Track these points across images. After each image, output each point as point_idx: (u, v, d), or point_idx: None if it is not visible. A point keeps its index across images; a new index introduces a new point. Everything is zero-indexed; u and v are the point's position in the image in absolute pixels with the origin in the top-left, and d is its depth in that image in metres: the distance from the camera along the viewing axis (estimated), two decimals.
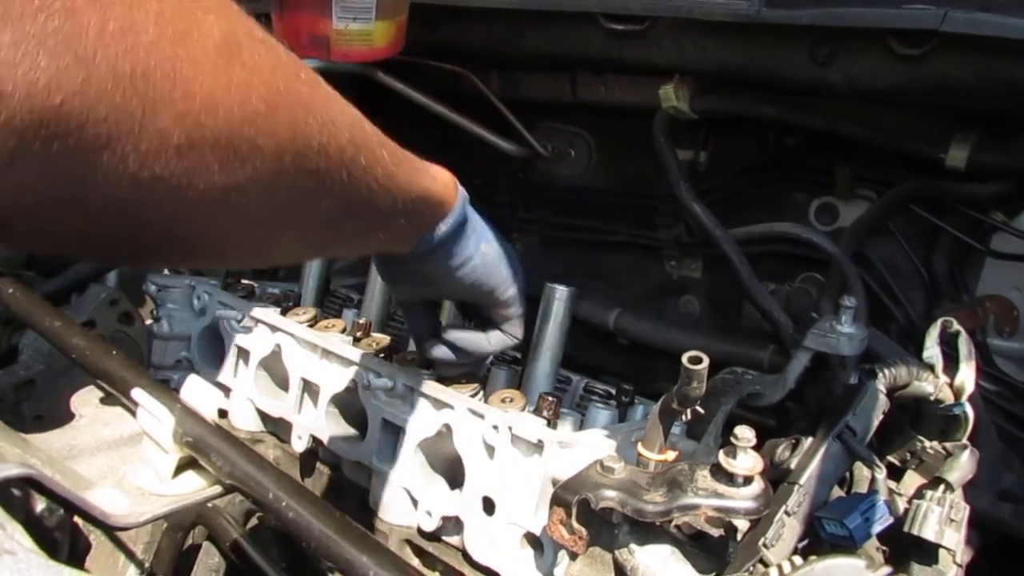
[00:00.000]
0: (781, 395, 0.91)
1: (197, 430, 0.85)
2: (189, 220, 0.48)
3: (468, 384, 0.98)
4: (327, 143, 0.52)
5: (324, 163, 0.53)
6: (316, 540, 0.71)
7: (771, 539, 0.71)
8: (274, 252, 0.65)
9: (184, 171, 0.42)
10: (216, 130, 0.43)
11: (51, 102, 0.35)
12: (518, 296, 0.92)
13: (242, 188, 0.47)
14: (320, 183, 0.54)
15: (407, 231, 0.75)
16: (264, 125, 0.46)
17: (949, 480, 0.78)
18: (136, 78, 0.38)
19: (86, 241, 0.47)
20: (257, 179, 0.48)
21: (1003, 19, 0.92)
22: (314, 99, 0.51)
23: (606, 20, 1.21)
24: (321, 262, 1.35)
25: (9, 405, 1.23)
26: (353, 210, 0.62)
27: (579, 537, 0.73)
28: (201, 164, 0.43)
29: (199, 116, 0.41)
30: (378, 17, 1.18)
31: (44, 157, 0.37)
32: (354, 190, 0.59)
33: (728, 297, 1.43)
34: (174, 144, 0.41)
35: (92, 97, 0.36)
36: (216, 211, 0.48)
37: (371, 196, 0.62)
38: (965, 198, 1.18)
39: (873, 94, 1.10)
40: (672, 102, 1.24)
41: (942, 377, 0.89)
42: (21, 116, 0.34)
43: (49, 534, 0.79)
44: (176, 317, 1.33)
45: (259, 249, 0.62)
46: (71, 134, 0.37)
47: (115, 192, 0.41)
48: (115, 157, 0.39)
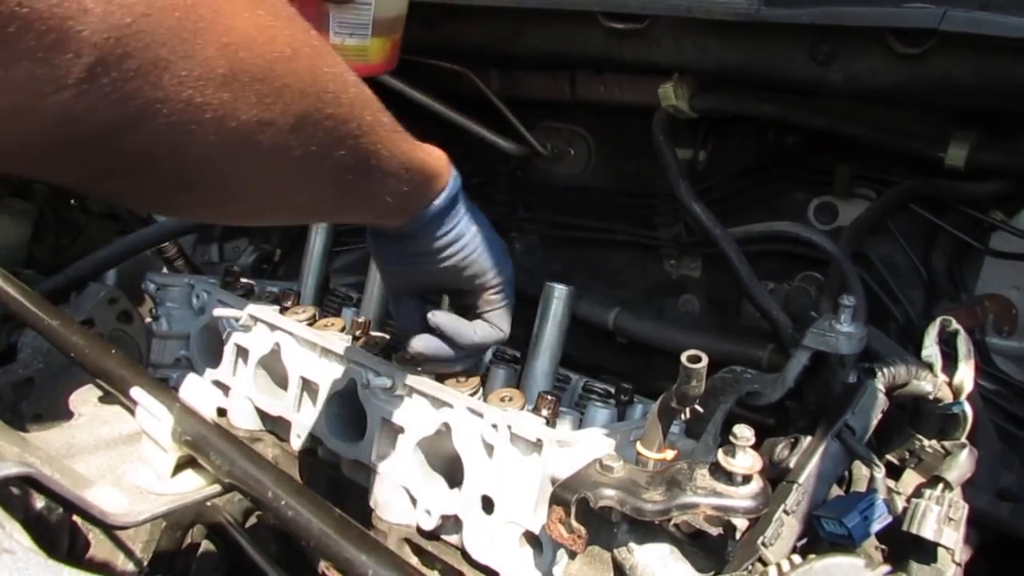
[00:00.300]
0: (780, 394, 0.91)
1: (196, 429, 0.85)
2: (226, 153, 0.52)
3: (467, 383, 0.98)
4: (339, 93, 0.58)
5: (338, 111, 0.59)
6: (315, 539, 0.71)
7: (770, 538, 0.71)
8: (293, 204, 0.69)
9: (227, 100, 0.48)
10: (252, 65, 0.48)
11: (124, 21, 0.39)
12: (505, 286, 0.92)
13: (273, 123, 0.52)
14: (337, 129, 0.60)
15: (407, 199, 0.78)
16: (289, 66, 0.52)
17: (948, 479, 0.78)
18: (188, 8, 0.43)
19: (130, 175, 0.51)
20: (286, 116, 0.53)
21: (1002, 18, 0.93)
22: (323, 53, 0.57)
23: (606, 19, 1.21)
24: (320, 261, 1.35)
25: (8, 404, 1.23)
26: (362, 165, 0.66)
27: (578, 536, 0.73)
28: (241, 95, 0.49)
29: (238, 50, 0.47)
30: (374, 34, 1.19)
31: (117, 75, 0.41)
32: (363, 144, 0.64)
33: (727, 296, 1.43)
34: (219, 72, 0.46)
35: (155, 21, 0.41)
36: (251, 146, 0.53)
37: (377, 153, 0.67)
38: (964, 197, 1.18)
39: (873, 93, 1.10)
40: (671, 101, 1.24)
41: (941, 376, 0.89)
42: (100, 33, 0.38)
43: (48, 533, 0.79)
44: (175, 316, 1.33)
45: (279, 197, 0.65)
46: (138, 53, 0.41)
47: (170, 116, 0.45)
48: (173, 80, 0.44)
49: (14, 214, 1.61)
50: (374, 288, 1.25)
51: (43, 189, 1.70)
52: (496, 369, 1.10)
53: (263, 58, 0.49)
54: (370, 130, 0.64)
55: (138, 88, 0.42)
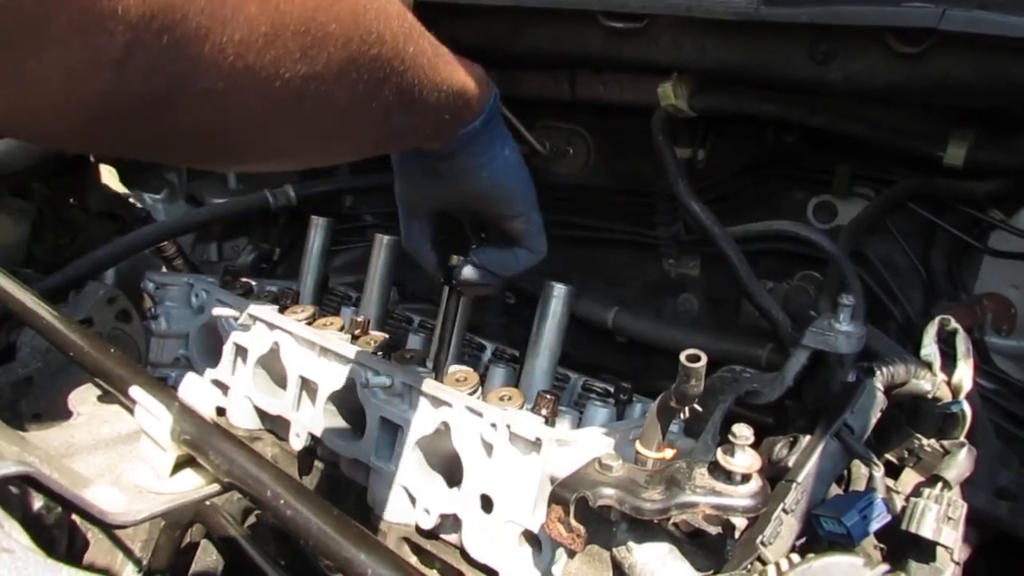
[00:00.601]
0: (779, 393, 0.91)
1: (195, 428, 0.85)
2: (271, 113, 0.52)
3: (467, 382, 0.98)
4: (383, 30, 0.56)
5: (382, 49, 0.57)
6: (314, 538, 0.71)
7: (769, 537, 0.71)
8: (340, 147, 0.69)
9: (272, 60, 0.46)
10: (294, 17, 0.47)
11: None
12: (536, 206, 0.90)
13: (319, 75, 0.51)
14: (381, 68, 0.58)
15: (447, 124, 0.76)
16: (331, 11, 0.50)
17: (947, 478, 0.78)
18: None
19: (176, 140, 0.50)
20: (332, 65, 0.52)
21: (1001, 17, 0.92)
22: None
23: (605, 18, 1.21)
24: (319, 260, 1.35)
25: (7, 403, 1.23)
26: (405, 100, 0.64)
27: (577, 535, 0.73)
28: (284, 52, 0.47)
29: (279, 4, 0.46)
30: None
31: (155, 50, 0.40)
32: (407, 78, 0.62)
33: (726, 295, 1.44)
34: (262, 31, 0.45)
35: None
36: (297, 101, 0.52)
37: (421, 86, 0.65)
38: (963, 196, 1.18)
39: (872, 92, 1.10)
40: (671, 100, 1.24)
41: (940, 375, 0.89)
42: (135, 7, 0.37)
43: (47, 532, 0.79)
44: (174, 315, 1.33)
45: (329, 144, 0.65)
46: (177, 25, 0.40)
47: (214, 84, 0.44)
48: (215, 47, 0.42)
49: (13, 213, 1.61)
50: (373, 287, 1.25)
51: (42, 188, 1.70)
52: (495, 368, 1.10)
53: (304, 8, 0.48)
54: (413, 63, 0.62)
55: (178, 61, 0.41)
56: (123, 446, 0.97)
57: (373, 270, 1.24)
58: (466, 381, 0.98)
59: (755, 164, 1.37)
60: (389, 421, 0.99)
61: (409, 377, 0.99)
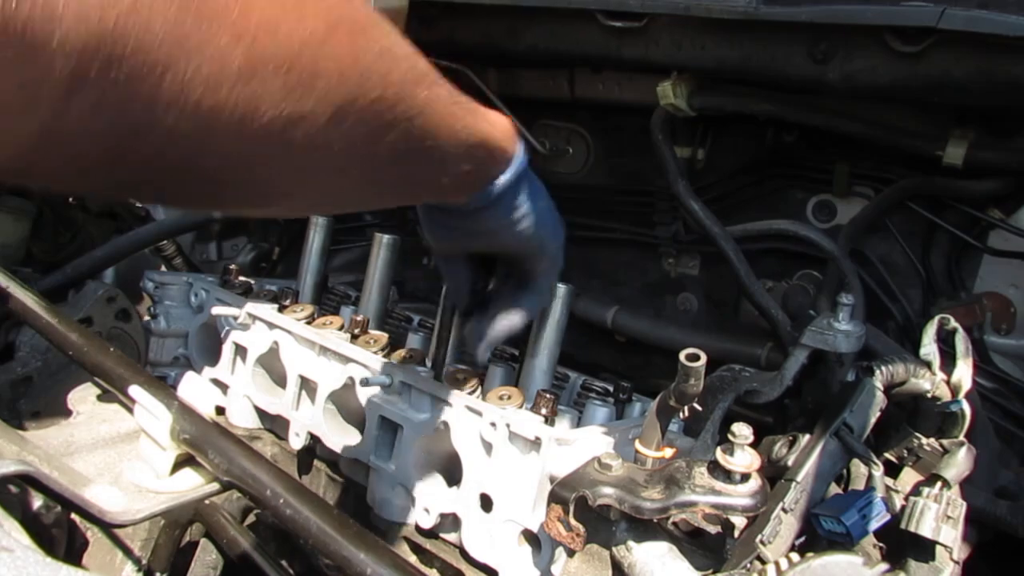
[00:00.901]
0: (778, 392, 0.91)
1: (194, 427, 0.85)
2: (256, 155, 0.46)
3: (466, 381, 0.98)
4: (388, 70, 0.50)
5: (385, 93, 0.51)
6: (313, 537, 0.71)
7: (768, 536, 0.71)
8: (342, 196, 0.63)
9: (247, 98, 0.41)
10: (276, 51, 0.41)
11: (105, 22, 0.33)
12: (559, 253, 0.88)
13: (307, 118, 0.45)
14: (384, 114, 0.52)
15: (468, 178, 0.71)
16: (324, 47, 0.44)
17: (946, 477, 0.78)
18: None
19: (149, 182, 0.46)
20: (322, 107, 0.46)
21: (1001, 16, 0.93)
22: (371, 25, 0.50)
23: (604, 17, 1.21)
24: (319, 260, 1.35)
25: (6, 402, 1.23)
26: (416, 148, 0.59)
27: (576, 534, 0.73)
28: (264, 90, 0.41)
29: (257, 35, 0.40)
30: None
31: (103, 85, 0.35)
32: (417, 125, 0.56)
33: (726, 294, 1.44)
34: (235, 66, 0.39)
35: (146, 15, 0.34)
36: (282, 145, 0.46)
37: (433, 133, 0.59)
38: (962, 195, 1.18)
39: (871, 91, 1.10)
40: (670, 99, 1.24)
41: (939, 374, 0.89)
42: (75, 38, 0.32)
43: (46, 531, 0.79)
44: (173, 314, 1.33)
45: (327, 191, 0.59)
46: (128, 57, 0.35)
47: (178, 124, 0.39)
48: (176, 83, 0.37)
49: (13, 212, 1.61)
50: (373, 286, 1.25)
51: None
52: (495, 367, 1.10)
53: (290, 42, 0.42)
54: (425, 109, 0.56)
55: (132, 98, 0.36)
56: (122, 445, 0.97)
57: (372, 269, 1.24)
58: (465, 380, 0.98)
59: (754, 163, 1.37)
60: (388, 420, 0.99)
61: (408, 376, 0.99)
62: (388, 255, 1.23)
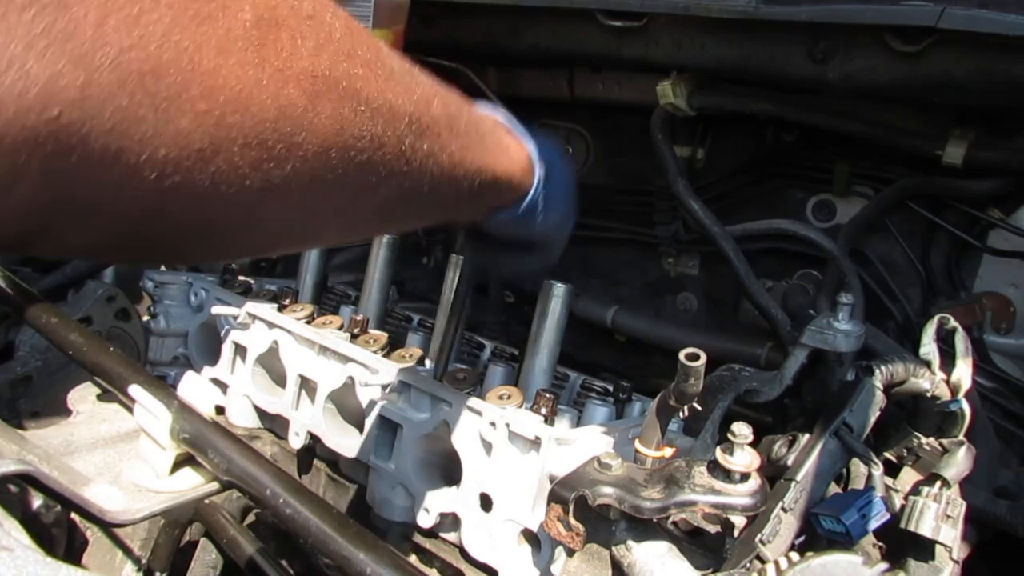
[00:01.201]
0: (778, 392, 0.91)
1: (194, 426, 0.85)
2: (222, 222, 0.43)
3: (466, 381, 0.98)
4: (382, 132, 0.46)
5: (379, 154, 0.47)
6: (313, 537, 0.71)
7: (768, 535, 0.71)
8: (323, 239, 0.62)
9: (210, 176, 0.37)
10: (245, 128, 0.37)
11: (47, 115, 0.30)
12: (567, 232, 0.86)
13: (279, 188, 0.41)
14: (373, 175, 0.48)
15: (471, 214, 0.69)
16: (304, 119, 0.40)
17: (946, 476, 0.78)
18: (145, 76, 0.32)
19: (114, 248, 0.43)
20: (296, 178, 0.42)
21: (1000, 16, 0.92)
22: (369, 81, 0.45)
23: (604, 17, 1.21)
24: (319, 259, 1.35)
25: (6, 401, 1.23)
26: (412, 199, 0.55)
27: (576, 533, 0.73)
28: (229, 167, 0.38)
29: (224, 114, 0.36)
30: (375, 26, 1.18)
31: (48, 177, 0.32)
32: (414, 179, 0.52)
33: (725, 294, 1.44)
34: (195, 148, 0.36)
35: (95, 105, 0.31)
36: (251, 211, 0.43)
37: (434, 184, 0.55)
38: (962, 195, 1.18)
39: (871, 91, 1.10)
40: (670, 99, 1.24)
41: (939, 374, 0.89)
42: (14, 135, 0.30)
43: (46, 531, 0.79)
44: (173, 313, 1.33)
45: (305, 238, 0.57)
46: (74, 149, 0.32)
47: (134, 205, 0.36)
48: (128, 169, 0.34)
49: None
50: (372, 286, 1.25)
51: None
52: (494, 367, 1.10)
53: (261, 117, 0.38)
54: (424, 162, 0.52)
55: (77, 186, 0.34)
56: (122, 444, 0.96)
57: (372, 269, 1.24)
58: (465, 380, 0.98)
59: (754, 163, 1.37)
60: (388, 420, 0.99)
61: (408, 376, 0.99)
62: (388, 255, 1.23)
